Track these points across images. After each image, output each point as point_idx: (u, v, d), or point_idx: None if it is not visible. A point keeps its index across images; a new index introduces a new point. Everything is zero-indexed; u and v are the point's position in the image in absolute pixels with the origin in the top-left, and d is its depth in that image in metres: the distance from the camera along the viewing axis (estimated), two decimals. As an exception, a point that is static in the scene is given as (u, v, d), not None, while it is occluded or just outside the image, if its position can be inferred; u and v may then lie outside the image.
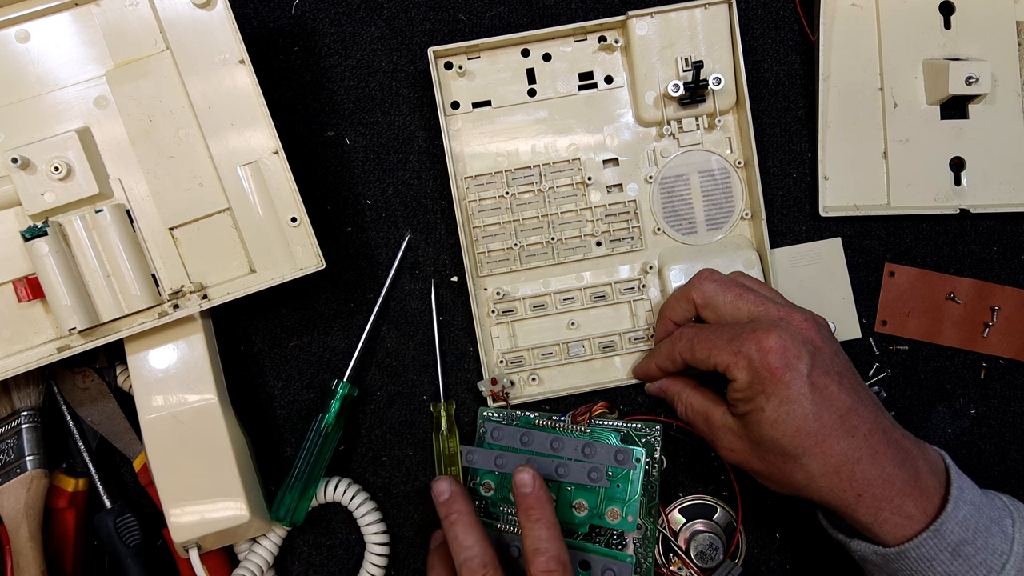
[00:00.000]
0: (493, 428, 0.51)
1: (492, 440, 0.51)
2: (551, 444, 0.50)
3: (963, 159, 0.56)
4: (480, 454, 0.51)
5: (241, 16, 0.54)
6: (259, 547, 0.51)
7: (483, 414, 0.53)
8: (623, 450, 0.49)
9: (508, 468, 0.50)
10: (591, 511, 0.49)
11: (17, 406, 0.52)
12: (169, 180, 0.48)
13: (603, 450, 0.49)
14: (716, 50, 0.54)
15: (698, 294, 0.48)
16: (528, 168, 0.55)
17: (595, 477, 0.48)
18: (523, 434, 0.51)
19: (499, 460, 0.50)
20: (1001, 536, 0.41)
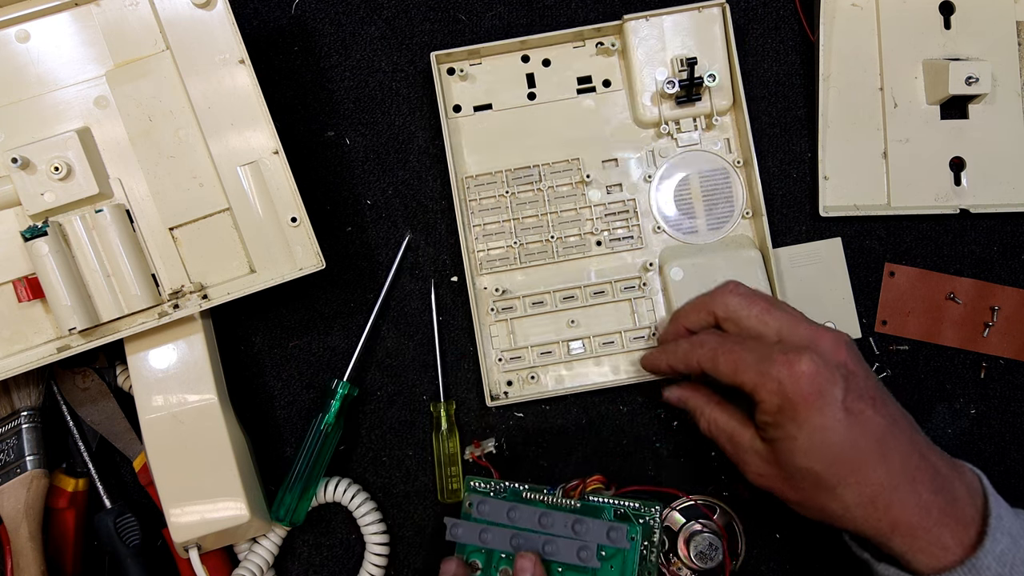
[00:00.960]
0: (479, 501, 0.48)
1: (478, 514, 0.48)
2: (539, 519, 0.47)
3: (963, 159, 0.56)
4: (465, 527, 0.48)
5: (241, 16, 0.54)
6: (259, 547, 0.51)
7: (469, 484, 0.51)
8: (616, 527, 0.46)
9: (494, 544, 0.47)
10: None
11: (17, 406, 0.52)
12: (169, 180, 0.48)
13: (594, 526, 0.46)
14: (712, 51, 0.54)
15: (721, 308, 0.46)
16: (528, 168, 0.55)
17: (585, 556, 0.45)
18: (510, 508, 0.47)
19: (485, 535, 0.47)
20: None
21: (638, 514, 0.49)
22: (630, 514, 0.49)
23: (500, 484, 0.50)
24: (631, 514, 0.49)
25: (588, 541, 0.46)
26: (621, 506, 0.49)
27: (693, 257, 0.54)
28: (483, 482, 0.51)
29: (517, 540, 0.46)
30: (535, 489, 0.50)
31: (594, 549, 0.45)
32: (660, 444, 0.55)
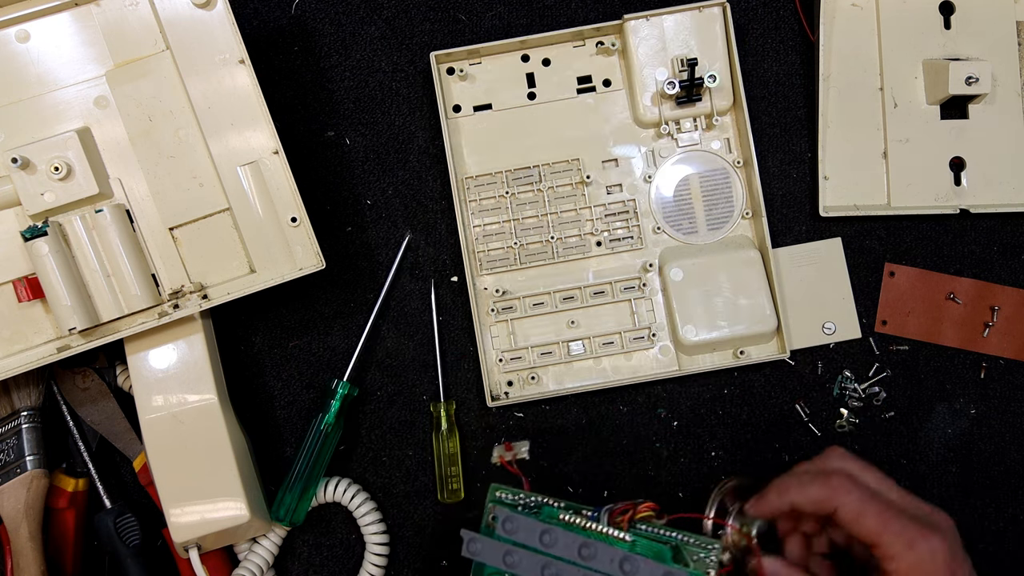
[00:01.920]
0: (506, 517, 0.41)
1: (504, 532, 0.41)
2: (579, 550, 0.40)
3: (963, 159, 0.56)
4: (486, 545, 0.41)
5: (241, 16, 0.54)
6: (259, 547, 0.51)
7: (494, 495, 0.44)
8: (677, 571, 0.39)
9: (522, 570, 0.40)
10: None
11: (17, 406, 0.52)
12: (169, 180, 0.48)
13: (647, 568, 0.39)
14: (712, 51, 0.54)
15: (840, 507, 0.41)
16: (528, 168, 0.55)
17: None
18: (544, 531, 0.40)
19: (511, 558, 0.40)
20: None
21: (691, 549, 0.42)
22: (683, 549, 0.42)
23: (531, 498, 0.43)
24: (685, 550, 0.42)
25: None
26: (673, 539, 0.42)
27: (693, 257, 0.54)
28: (511, 493, 0.44)
29: (551, 571, 0.40)
30: (573, 509, 0.43)
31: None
32: (660, 444, 0.55)
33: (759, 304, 0.53)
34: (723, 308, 0.53)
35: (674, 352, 0.54)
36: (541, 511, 0.43)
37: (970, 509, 0.55)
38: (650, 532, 0.42)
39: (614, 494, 0.54)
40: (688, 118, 0.55)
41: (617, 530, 0.41)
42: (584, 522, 0.42)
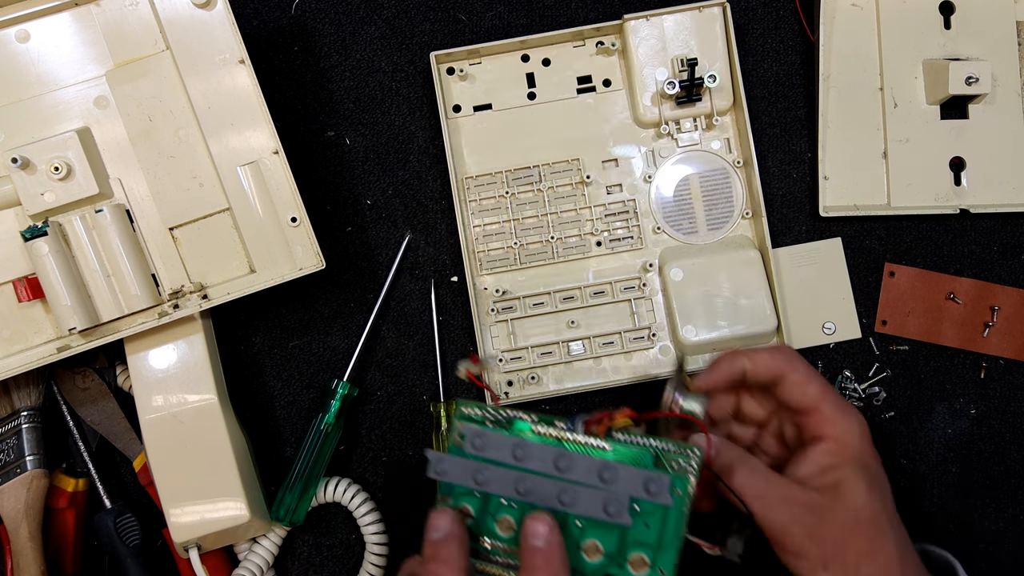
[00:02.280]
0: (475, 434, 0.38)
1: (473, 450, 0.38)
2: (555, 462, 0.37)
3: (963, 159, 0.56)
4: (454, 465, 0.38)
5: (241, 16, 0.54)
6: (259, 547, 0.51)
7: (462, 411, 0.41)
8: (657, 477, 0.36)
9: (494, 487, 0.37)
10: (608, 558, 0.37)
11: (17, 406, 0.52)
12: (169, 180, 0.48)
13: (628, 475, 0.37)
14: (712, 51, 0.54)
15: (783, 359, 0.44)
16: (528, 168, 0.55)
17: (614, 511, 0.36)
18: (516, 445, 0.38)
19: (481, 475, 0.37)
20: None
21: (671, 456, 0.38)
22: (662, 456, 0.39)
23: (501, 412, 0.40)
24: (663, 456, 0.39)
25: (618, 492, 0.36)
26: (651, 448, 0.39)
27: (693, 257, 0.54)
28: (479, 408, 0.40)
29: (526, 484, 0.37)
30: (546, 421, 0.39)
31: (625, 503, 0.36)
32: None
33: (759, 304, 0.53)
34: (723, 308, 0.53)
35: (674, 352, 0.54)
36: (512, 426, 0.40)
37: (970, 509, 0.55)
38: (629, 441, 0.39)
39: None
40: (688, 118, 0.55)
41: (594, 438, 0.39)
42: (558, 433, 0.39)
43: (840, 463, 0.41)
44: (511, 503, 0.38)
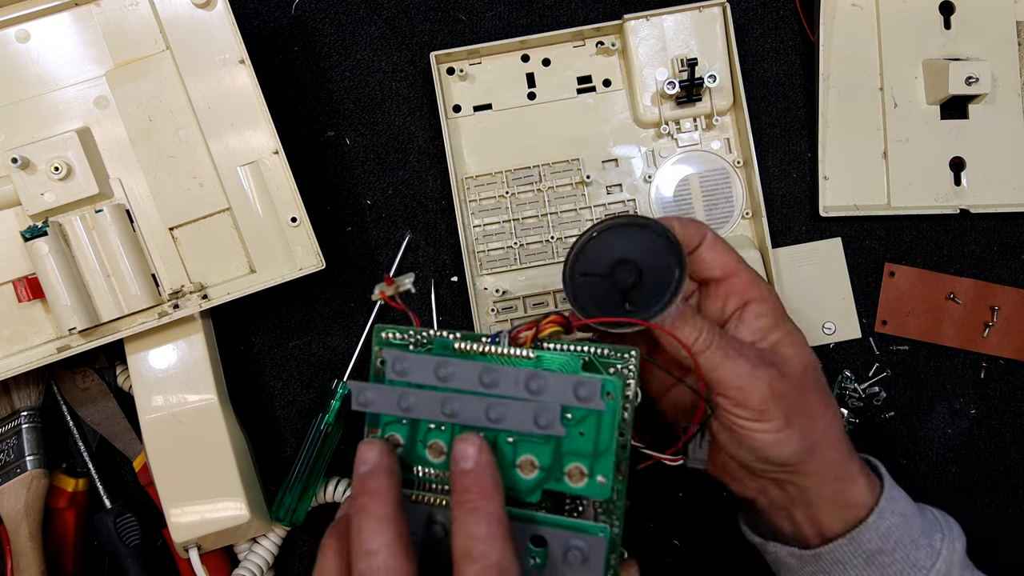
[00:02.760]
0: (396, 358, 0.36)
1: (395, 375, 0.36)
2: (480, 377, 0.35)
3: (963, 159, 0.56)
4: (378, 393, 0.35)
5: (241, 16, 0.54)
6: (259, 547, 0.51)
7: (380, 336, 0.38)
8: (586, 381, 0.34)
9: (420, 412, 0.35)
10: (544, 472, 0.35)
11: (17, 406, 0.52)
12: (169, 180, 0.48)
13: (557, 383, 0.34)
14: (712, 51, 0.54)
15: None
16: (528, 168, 0.55)
17: (545, 422, 0.34)
18: (439, 364, 0.35)
19: (406, 401, 0.35)
20: (928, 551, 0.40)
21: (607, 362, 0.36)
22: (597, 362, 0.36)
23: (422, 333, 0.38)
24: (598, 362, 0.36)
25: (548, 402, 0.34)
26: (584, 354, 0.36)
27: (693, 257, 0.54)
28: (399, 331, 0.38)
29: (452, 405, 0.35)
30: (470, 337, 0.37)
31: (557, 412, 0.34)
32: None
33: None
34: (723, 308, 0.53)
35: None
36: (435, 346, 0.37)
37: (970, 509, 0.55)
38: (560, 349, 0.36)
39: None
40: (688, 118, 0.55)
41: (520, 348, 0.36)
42: (482, 347, 0.36)
43: (775, 323, 0.41)
44: (440, 426, 0.36)
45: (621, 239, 0.39)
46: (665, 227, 0.39)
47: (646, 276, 0.38)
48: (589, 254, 0.39)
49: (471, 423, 0.35)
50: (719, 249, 0.42)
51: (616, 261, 0.39)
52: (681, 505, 0.54)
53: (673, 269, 0.38)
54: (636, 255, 0.39)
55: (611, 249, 0.39)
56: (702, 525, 0.54)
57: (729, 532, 0.49)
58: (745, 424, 0.39)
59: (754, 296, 0.41)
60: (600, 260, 0.39)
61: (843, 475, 0.41)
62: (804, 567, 0.41)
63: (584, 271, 0.39)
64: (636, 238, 0.39)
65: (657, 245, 0.39)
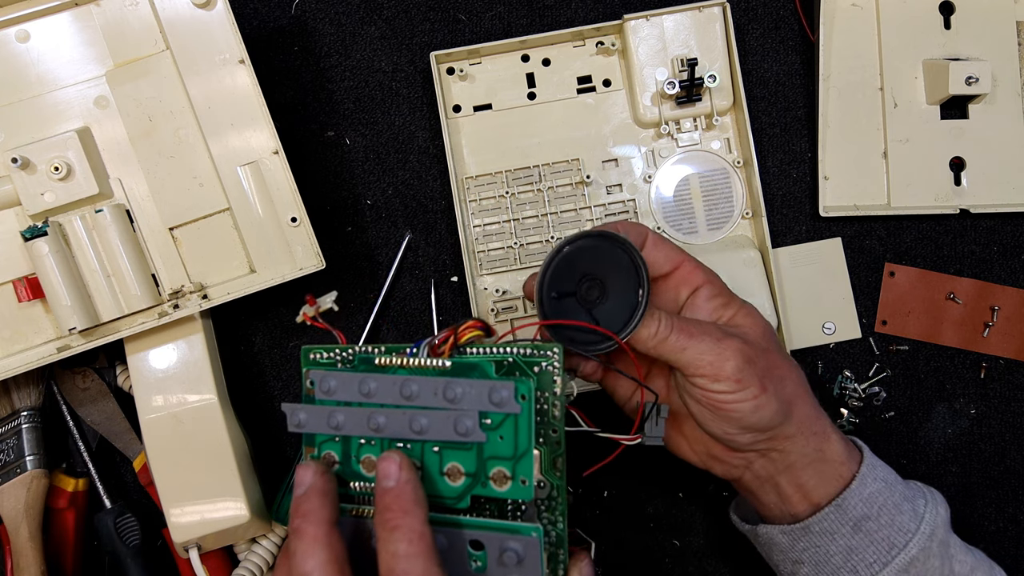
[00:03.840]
0: (322, 377, 0.37)
1: (323, 394, 0.37)
2: (401, 390, 0.36)
3: (963, 159, 0.56)
4: (309, 413, 0.37)
5: (241, 16, 0.54)
6: (259, 547, 0.51)
7: (307, 357, 0.39)
8: (499, 386, 0.34)
9: (349, 429, 0.36)
10: (469, 477, 0.36)
11: (17, 406, 0.52)
12: (169, 180, 0.48)
13: (472, 390, 0.35)
14: (712, 51, 0.54)
15: None
16: (528, 168, 0.55)
17: (464, 430, 0.34)
18: (362, 381, 0.36)
19: (334, 419, 0.36)
20: (911, 515, 0.41)
21: (531, 360, 0.37)
22: (521, 363, 0.37)
23: (347, 351, 0.39)
24: (523, 362, 0.37)
25: (466, 409, 0.35)
26: (507, 356, 0.37)
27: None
28: (324, 351, 0.39)
29: (377, 420, 0.36)
30: (393, 350, 0.38)
31: (475, 418, 0.35)
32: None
33: (759, 304, 0.52)
34: (723, 308, 0.53)
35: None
36: (359, 362, 0.38)
37: (970, 509, 0.55)
38: (481, 355, 0.37)
39: (613, 494, 0.54)
40: (688, 118, 0.55)
41: (436, 359, 0.37)
42: (401, 360, 0.37)
43: (726, 301, 0.43)
44: (370, 441, 0.37)
45: (584, 255, 0.40)
46: (623, 238, 0.40)
47: (611, 288, 0.40)
48: (556, 274, 0.40)
49: (396, 436, 0.36)
50: (662, 246, 0.44)
51: (581, 277, 0.40)
52: (681, 505, 0.54)
53: (637, 288, 0.39)
54: (599, 269, 0.40)
55: (576, 266, 0.40)
56: (702, 525, 0.54)
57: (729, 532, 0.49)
58: (724, 397, 0.39)
59: (702, 280, 0.44)
60: (566, 278, 0.40)
61: (819, 430, 0.42)
62: (796, 543, 0.42)
63: (553, 291, 0.40)
64: (597, 251, 0.40)
65: (616, 256, 0.40)
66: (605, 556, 0.54)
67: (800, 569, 0.43)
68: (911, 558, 0.40)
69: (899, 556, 0.40)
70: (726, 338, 0.40)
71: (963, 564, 0.42)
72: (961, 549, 0.42)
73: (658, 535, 0.54)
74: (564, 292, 0.39)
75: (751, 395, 0.39)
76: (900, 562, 0.40)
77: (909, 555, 0.40)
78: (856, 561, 0.41)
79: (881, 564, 0.40)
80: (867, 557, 0.41)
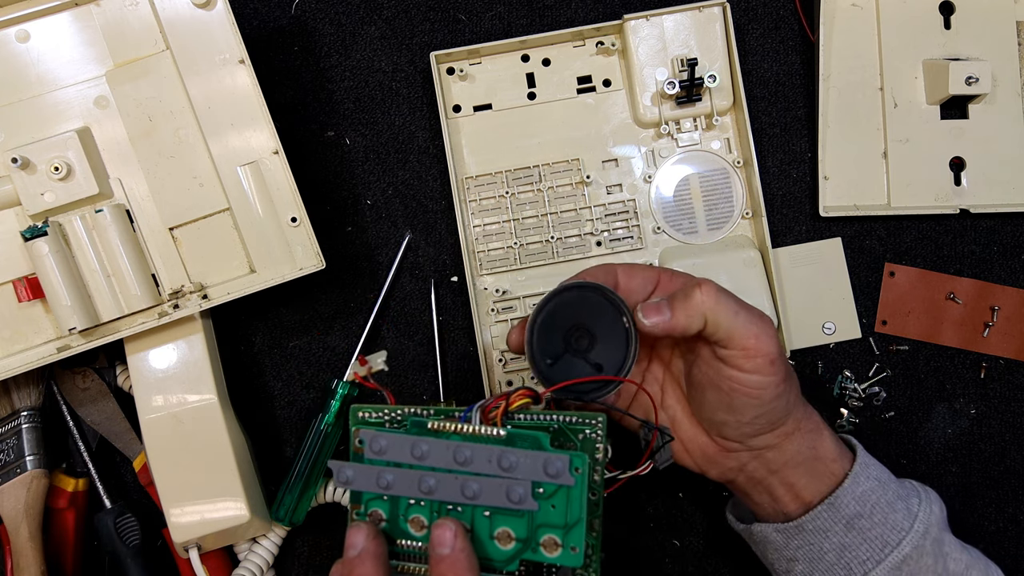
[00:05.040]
0: (373, 437, 0.38)
1: (373, 454, 0.38)
2: (454, 455, 0.37)
3: (963, 159, 0.56)
4: (359, 471, 0.37)
5: (241, 16, 0.54)
6: (259, 547, 0.51)
7: (356, 416, 0.40)
8: (555, 458, 0.36)
9: (399, 490, 0.37)
10: (520, 543, 0.36)
11: (17, 406, 0.52)
12: (169, 180, 0.48)
13: (527, 460, 0.36)
14: (712, 51, 0.54)
15: None
16: (528, 168, 0.55)
17: (518, 498, 0.35)
18: (414, 444, 0.37)
19: (385, 479, 0.37)
20: (905, 513, 0.42)
21: (576, 428, 0.38)
22: (567, 431, 0.38)
23: (397, 411, 0.40)
24: (568, 431, 0.38)
25: (520, 478, 0.36)
26: (553, 422, 0.38)
27: (693, 257, 0.54)
28: (374, 411, 0.40)
29: (428, 483, 0.37)
30: (443, 413, 0.39)
31: (528, 487, 0.36)
32: (660, 444, 0.55)
33: (759, 304, 0.53)
34: (723, 308, 0.53)
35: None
36: (409, 424, 0.39)
37: (970, 509, 0.55)
38: (530, 421, 0.38)
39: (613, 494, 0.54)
40: (688, 118, 0.55)
41: (491, 427, 0.37)
42: (454, 426, 0.38)
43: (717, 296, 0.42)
44: (420, 502, 0.38)
45: (561, 311, 0.40)
46: (587, 283, 0.40)
47: (597, 331, 0.40)
48: (542, 341, 0.40)
49: (448, 499, 0.37)
50: (635, 272, 0.43)
51: (566, 332, 0.40)
52: (681, 505, 0.54)
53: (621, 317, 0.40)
54: (579, 318, 0.40)
55: (556, 323, 0.40)
56: (702, 525, 0.54)
57: (729, 532, 0.49)
58: (753, 378, 0.39)
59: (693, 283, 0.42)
60: (554, 340, 0.40)
61: (812, 428, 0.43)
62: (790, 542, 0.43)
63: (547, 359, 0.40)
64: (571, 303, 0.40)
65: (590, 300, 0.40)
66: (605, 556, 0.54)
67: (794, 567, 0.43)
68: (904, 556, 0.40)
69: (892, 554, 0.40)
70: (767, 319, 0.40)
71: (958, 562, 0.42)
72: (956, 547, 0.43)
73: (658, 535, 0.54)
74: (556, 353, 0.40)
75: (777, 380, 0.39)
76: (893, 560, 0.40)
77: (902, 553, 0.40)
78: (849, 559, 0.41)
79: (874, 562, 0.41)
80: (860, 555, 0.41)
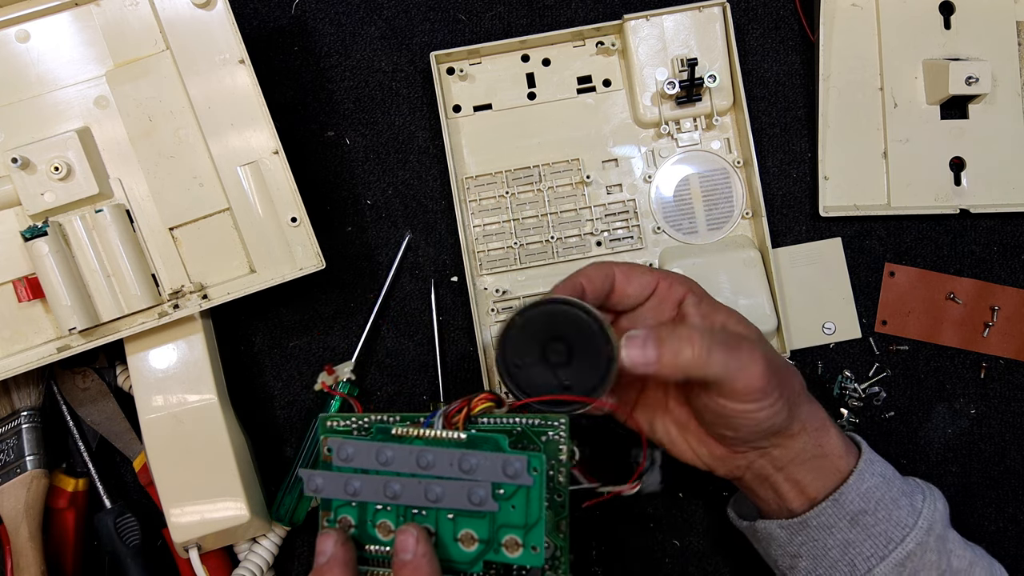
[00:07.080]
0: (340, 445, 0.39)
1: (341, 461, 0.39)
2: (417, 460, 0.38)
3: (963, 159, 0.56)
4: (327, 479, 0.39)
5: (241, 16, 0.54)
6: (259, 547, 0.51)
7: (325, 425, 0.41)
8: (512, 460, 0.36)
9: (366, 495, 0.38)
10: (482, 544, 0.38)
11: (17, 406, 0.52)
12: (169, 180, 0.48)
13: (486, 462, 0.37)
14: (712, 51, 0.54)
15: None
16: (528, 168, 0.55)
17: (479, 500, 0.37)
18: (379, 450, 0.38)
19: (351, 486, 0.38)
20: (909, 510, 0.42)
21: (538, 430, 0.39)
22: (530, 432, 0.39)
23: (363, 419, 0.41)
24: (531, 432, 0.39)
25: (481, 480, 0.37)
26: (516, 425, 0.39)
27: (693, 257, 0.54)
28: (342, 419, 0.41)
29: (393, 488, 0.38)
30: (408, 419, 0.40)
31: (489, 489, 0.37)
32: (660, 444, 0.55)
33: (759, 304, 0.53)
34: (723, 308, 0.53)
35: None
36: (376, 431, 0.40)
37: (970, 509, 0.55)
38: (493, 424, 0.39)
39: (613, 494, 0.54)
40: (688, 118, 0.55)
41: (453, 431, 0.39)
42: (418, 431, 0.39)
43: (713, 306, 0.43)
44: (386, 507, 0.39)
45: (543, 320, 0.40)
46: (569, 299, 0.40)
47: (578, 351, 0.40)
48: (517, 343, 0.40)
49: (412, 503, 0.38)
50: (633, 275, 0.43)
51: (545, 342, 0.40)
52: (681, 505, 0.54)
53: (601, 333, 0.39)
54: (563, 331, 0.40)
55: (537, 332, 0.40)
56: (702, 525, 0.54)
57: (729, 532, 0.49)
58: (748, 407, 0.39)
59: (683, 292, 0.43)
60: (530, 345, 0.40)
61: (819, 425, 0.43)
62: (794, 538, 0.43)
63: (516, 359, 0.40)
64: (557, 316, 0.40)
65: (578, 318, 0.40)
66: (605, 556, 0.54)
67: (798, 563, 0.43)
68: (908, 552, 0.40)
69: (896, 550, 0.40)
70: (747, 347, 0.39)
71: (961, 559, 0.42)
72: (960, 544, 0.43)
73: (658, 535, 0.54)
74: (529, 358, 0.40)
75: (770, 402, 0.39)
76: (897, 556, 0.40)
77: (906, 549, 0.40)
78: (853, 555, 0.41)
79: (878, 558, 0.41)
80: (864, 551, 0.41)
